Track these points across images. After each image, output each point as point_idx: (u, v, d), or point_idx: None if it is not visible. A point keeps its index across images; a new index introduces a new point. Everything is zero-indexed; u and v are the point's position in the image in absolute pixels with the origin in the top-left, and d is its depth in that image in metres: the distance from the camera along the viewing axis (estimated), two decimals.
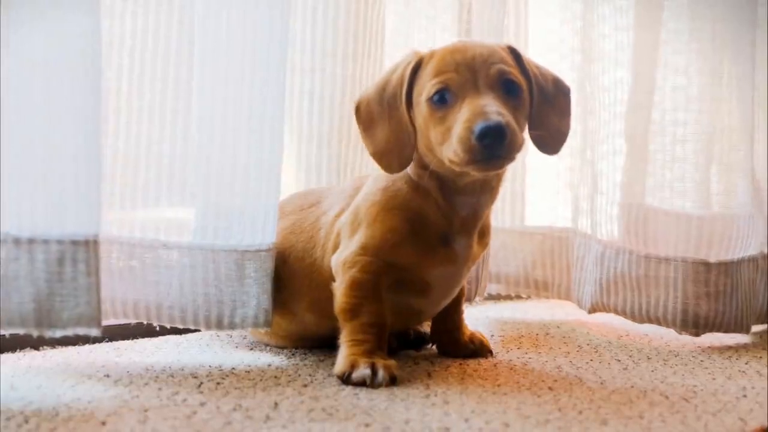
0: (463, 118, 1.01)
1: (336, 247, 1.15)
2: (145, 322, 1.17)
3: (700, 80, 1.46)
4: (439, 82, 1.05)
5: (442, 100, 1.05)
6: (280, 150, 1.17)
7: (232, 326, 1.16)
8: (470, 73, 1.05)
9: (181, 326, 1.17)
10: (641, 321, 1.44)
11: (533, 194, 1.67)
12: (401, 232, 1.11)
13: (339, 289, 1.12)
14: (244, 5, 1.13)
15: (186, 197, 1.18)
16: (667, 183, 1.47)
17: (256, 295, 1.16)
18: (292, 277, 1.19)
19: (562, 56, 1.59)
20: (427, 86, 1.06)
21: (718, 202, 1.48)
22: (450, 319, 1.25)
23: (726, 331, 1.41)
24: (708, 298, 1.40)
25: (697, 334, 1.41)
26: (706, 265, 1.40)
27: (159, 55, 1.16)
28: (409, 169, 1.12)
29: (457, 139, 1.01)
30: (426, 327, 1.31)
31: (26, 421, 0.87)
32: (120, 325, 1.29)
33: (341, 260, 1.12)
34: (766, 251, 1.50)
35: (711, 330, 1.41)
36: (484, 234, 1.18)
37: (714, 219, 1.46)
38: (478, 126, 0.99)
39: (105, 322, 1.26)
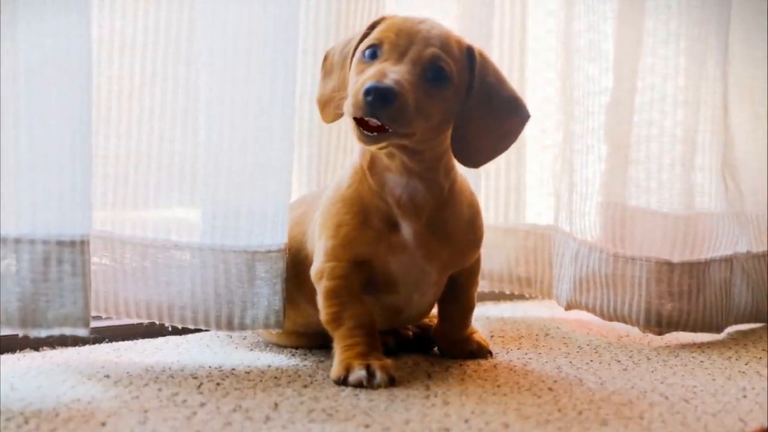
0: (366, 74, 1.03)
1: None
2: (146, 322, 1.17)
3: (676, 83, 1.45)
4: (375, 38, 1.07)
5: (372, 55, 1.06)
6: (290, 149, 1.17)
7: (242, 327, 1.17)
8: (406, 42, 1.06)
9: (192, 326, 1.18)
10: (610, 319, 1.44)
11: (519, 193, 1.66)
12: (350, 224, 1.11)
13: (319, 301, 1.12)
14: (251, 3, 1.13)
15: (196, 197, 1.18)
16: (643, 182, 1.47)
17: (267, 296, 1.16)
18: (294, 267, 1.19)
19: (558, 55, 1.58)
20: (366, 40, 1.08)
21: (690, 202, 1.48)
22: (453, 323, 1.23)
23: (693, 331, 1.41)
24: (672, 297, 1.40)
25: (660, 333, 1.41)
26: (670, 264, 1.40)
27: (169, 55, 1.17)
28: (358, 155, 1.13)
29: (352, 90, 1.03)
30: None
31: (26, 422, 0.87)
32: (120, 325, 1.29)
33: (313, 272, 1.13)
34: (754, 251, 1.50)
35: (676, 329, 1.41)
36: (450, 235, 1.13)
37: (682, 219, 1.45)
38: (369, 83, 1.00)
39: (109, 323, 1.27)
